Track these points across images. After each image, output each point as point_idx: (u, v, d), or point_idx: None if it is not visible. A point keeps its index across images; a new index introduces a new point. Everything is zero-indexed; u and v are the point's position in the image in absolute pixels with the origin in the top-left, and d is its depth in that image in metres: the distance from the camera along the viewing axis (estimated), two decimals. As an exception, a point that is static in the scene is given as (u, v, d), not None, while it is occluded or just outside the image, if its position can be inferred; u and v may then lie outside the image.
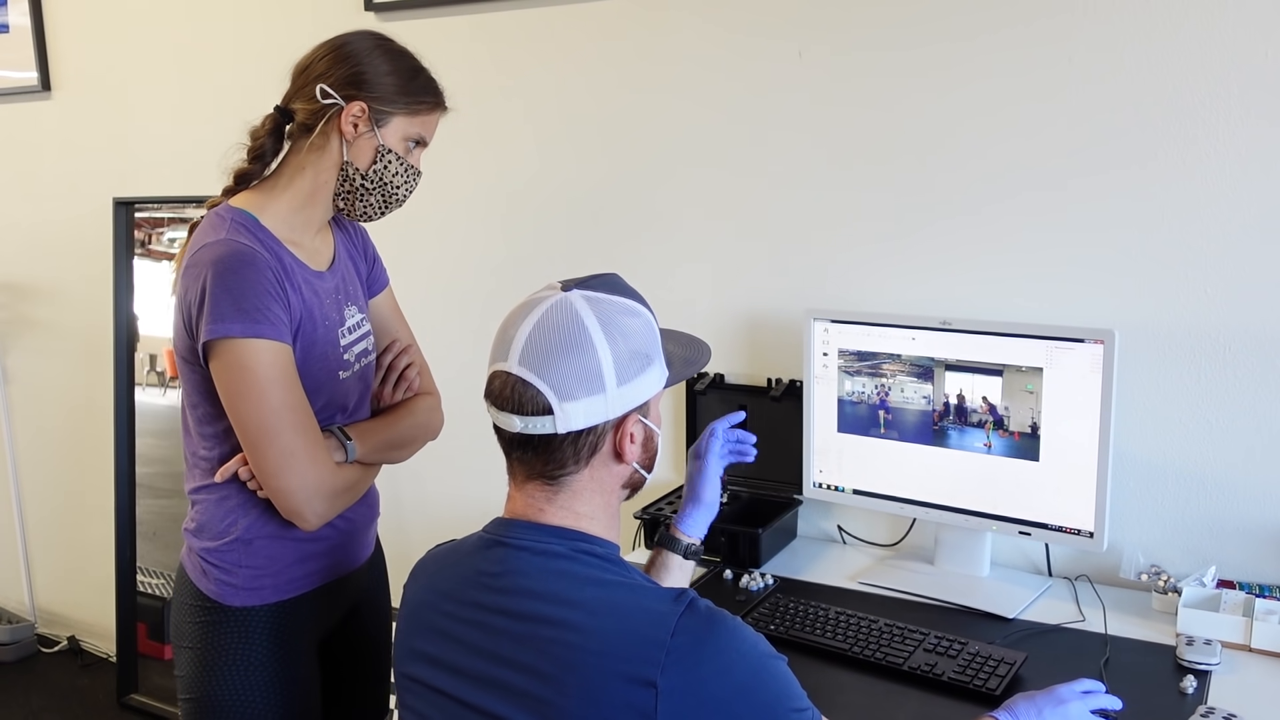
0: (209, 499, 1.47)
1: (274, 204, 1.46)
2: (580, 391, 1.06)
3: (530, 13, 2.26)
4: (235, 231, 1.40)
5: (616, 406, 1.08)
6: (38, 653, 3.38)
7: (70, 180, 3.03)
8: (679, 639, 0.98)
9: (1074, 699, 1.25)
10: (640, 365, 1.10)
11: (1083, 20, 1.76)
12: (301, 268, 1.46)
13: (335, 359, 1.49)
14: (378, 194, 1.49)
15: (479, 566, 1.11)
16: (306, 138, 1.46)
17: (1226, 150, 1.69)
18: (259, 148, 1.47)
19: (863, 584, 1.87)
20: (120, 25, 2.83)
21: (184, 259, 1.43)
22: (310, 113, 1.45)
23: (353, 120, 1.44)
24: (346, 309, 1.53)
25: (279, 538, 1.47)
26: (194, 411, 1.47)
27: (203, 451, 1.47)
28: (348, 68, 1.44)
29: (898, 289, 1.98)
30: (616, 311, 1.10)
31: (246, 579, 1.46)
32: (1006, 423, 1.74)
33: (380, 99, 1.44)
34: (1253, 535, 1.76)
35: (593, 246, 2.29)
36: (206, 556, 1.47)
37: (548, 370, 1.06)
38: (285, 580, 1.49)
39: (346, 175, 1.47)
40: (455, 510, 2.55)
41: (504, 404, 1.09)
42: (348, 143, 1.45)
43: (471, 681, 1.07)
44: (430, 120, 1.52)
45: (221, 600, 1.47)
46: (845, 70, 1.96)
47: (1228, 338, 1.73)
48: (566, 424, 1.07)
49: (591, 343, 1.07)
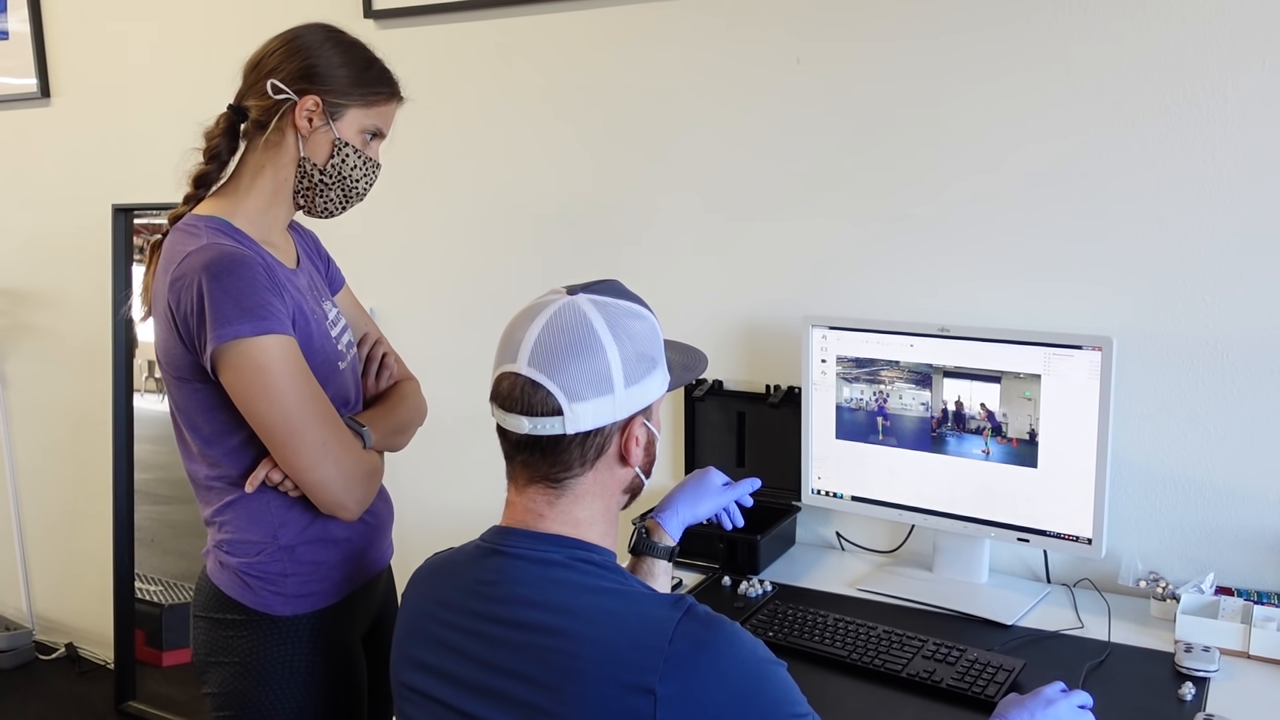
0: (239, 515, 1.43)
1: (242, 207, 1.44)
2: (590, 392, 1.07)
3: (528, 20, 2.27)
4: (214, 235, 1.38)
5: (624, 408, 1.09)
6: (35, 660, 3.37)
7: (69, 187, 3.03)
8: (677, 645, 0.98)
9: (1059, 698, 1.27)
10: (646, 368, 1.11)
11: (1080, 28, 1.76)
12: (280, 266, 1.44)
13: (332, 351, 1.47)
14: (337, 189, 1.47)
15: (476, 575, 1.11)
16: (261, 135, 1.43)
17: (1223, 158, 1.70)
18: (214, 148, 1.46)
19: (861, 590, 1.87)
20: (119, 32, 2.83)
21: (160, 273, 1.39)
22: (263, 109, 1.43)
23: (307, 115, 1.42)
24: (324, 304, 1.52)
25: (320, 540, 1.45)
26: (199, 433, 1.42)
27: (217, 472, 1.43)
28: (299, 61, 1.42)
29: (896, 296, 1.98)
30: (623, 314, 1.11)
31: (295, 586, 1.44)
32: (1005, 429, 1.74)
33: (334, 92, 1.42)
34: (1251, 542, 1.76)
35: (592, 254, 2.29)
36: (249, 571, 1.43)
37: (557, 371, 1.06)
38: (331, 584, 1.47)
39: (304, 171, 1.45)
40: (455, 520, 2.55)
41: (512, 405, 1.09)
42: (303, 138, 1.43)
43: (469, 691, 1.07)
44: (386, 111, 1.50)
45: (269, 611, 1.43)
46: (844, 77, 1.97)
47: (1226, 344, 1.73)
48: (576, 425, 1.07)
49: (600, 344, 1.07)
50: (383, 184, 2.33)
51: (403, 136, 2.41)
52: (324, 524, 1.45)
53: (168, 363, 1.39)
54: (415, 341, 2.52)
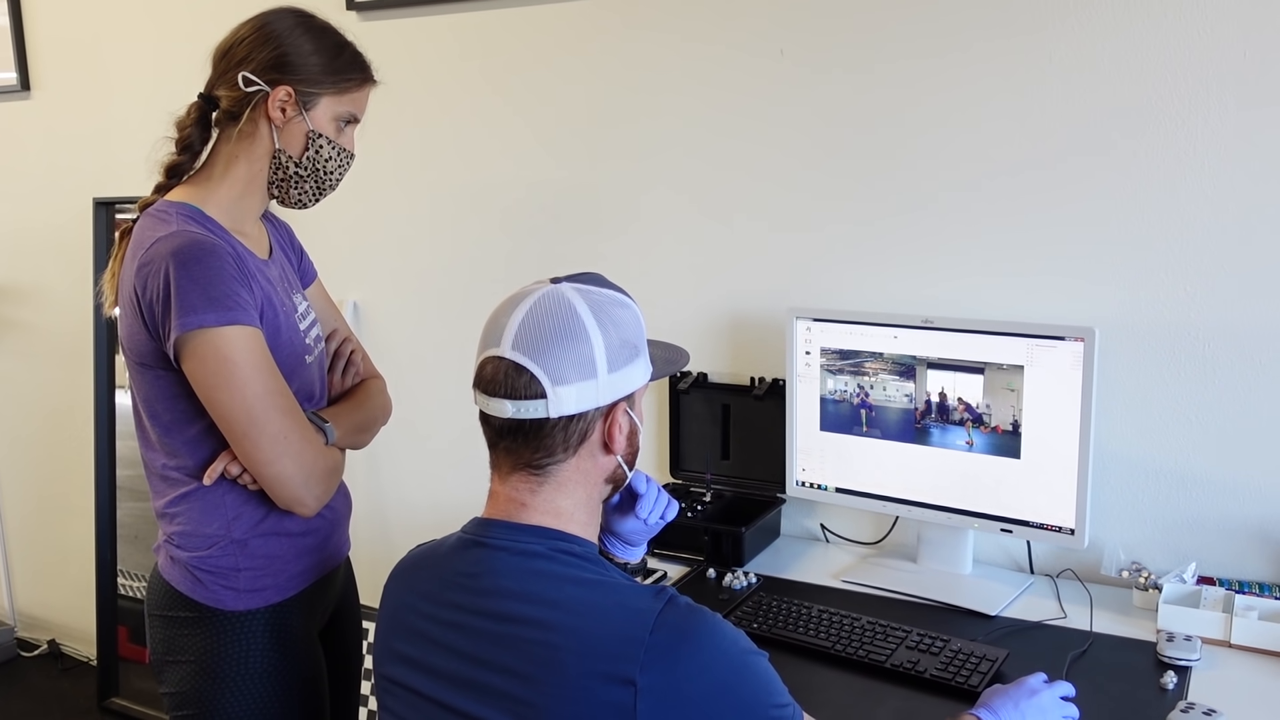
0: (193, 507, 1.42)
1: (214, 195, 1.43)
2: (574, 376, 1.07)
3: (512, 12, 2.26)
4: (184, 223, 1.36)
5: (607, 394, 1.09)
6: (17, 656, 3.35)
7: (50, 181, 3.01)
8: (658, 636, 0.98)
9: (1042, 688, 1.28)
10: (629, 355, 1.11)
11: (1062, 21, 1.76)
12: (251, 256, 1.42)
13: (300, 344, 1.46)
14: (311, 180, 1.46)
15: (458, 568, 1.11)
16: (234, 125, 1.42)
17: (1205, 149, 1.70)
18: (186, 138, 1.44)
19: (846, 582, 1.87)
20: (100, 25, 2.81)
21: (128, 258, 1.37)
22: (235, 100, 1.41)
23: (280, 106, 1.40)
24: (294, 296, 1.51)
25: (273, 534, 1.44)
26: (159, 420, 1.41)
27: (175, 461, 1.42)
28: (270, 50, 1.40)
29: (880, 288, 1.99)
30: (607, 302, 1.11)
31: (247, 581, 1.43)
32: (988, 420, 1.75)
33: (305, 80, 1.41)
34: (1232, 532, 1.77)
35: (575, 246, 2.28)
36: (199, 565, 1.42)
37: (541, 355, 1.07)
38: (285, 579, 1.46)
39: (279, 163, 1.43)
40: (436, 513, 2.54)
41: (495, 389, 1.08)
42: (277, 129, 1.41)
43: (451, 683, 1.06)
44: (359, 96, 1.48)
45: (221, 606, 1.42)
46: (827, 69, 1.97)
47: (1207, 335, 1.74)
48: (559, 408, 1.07)
49: (585, 328, 1.08)
50: (367, 177, 2.32)
51: (386, 129, 2.40)
52: (279, 518, 1.44)
53: (131, 348, 1.38)
54: (397, 334, 2.51)
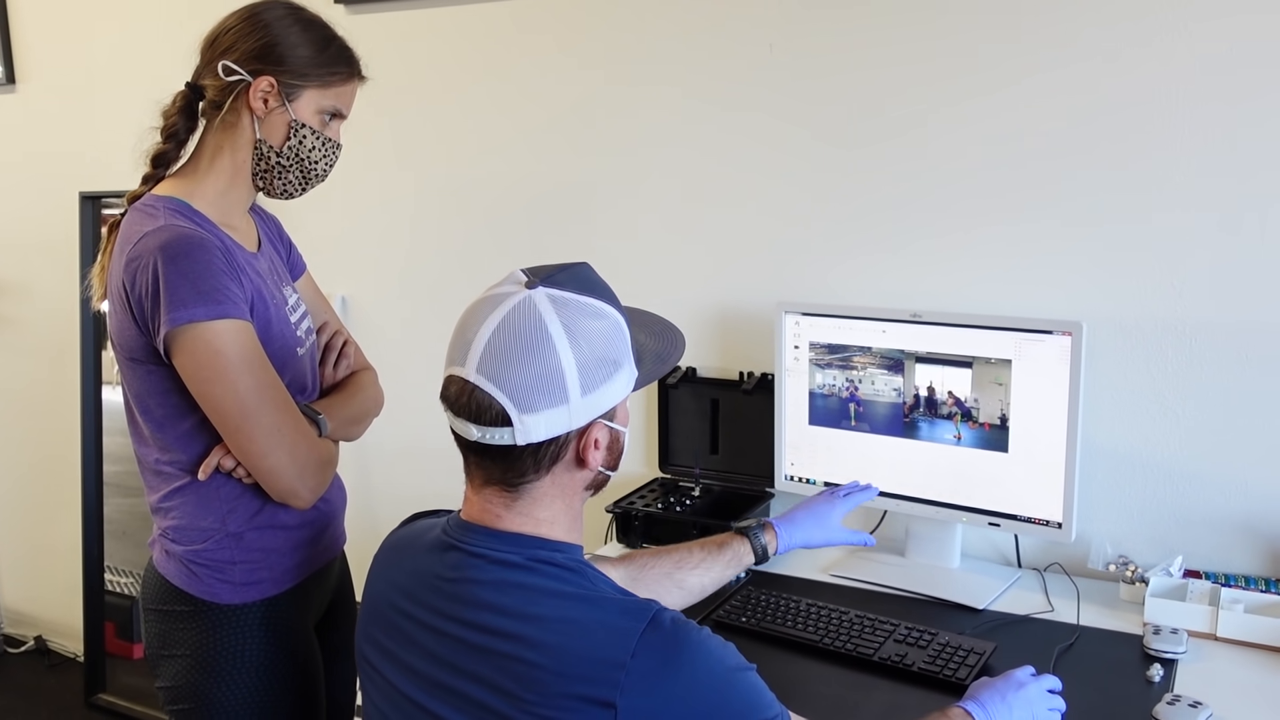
0: (187, 501, 1.41)
1: (200, 188, 1.42)
2: (541, 403, 1.01)
3: (501, 6, 2.25)
4: (172, 217, 1.35)
5: (580, 416, 1.04)
6: (4, 653, 3.34)
7: (35, 174, 2.99)
8: (639, 660, 0.96)
9: (1030, 681, 1.27)
10: (607, 372, 1.05)
11: (1050, 16, 1.76)
12: (240, 250, 1.41)
13: (291, 337, 1.46)
14: (295, 170, 1.45)
15: (437, 570, 1.09)
16: (218, 115, 1.41)
17: (1189, 144, 1.71)
18: (171, 127, 1.43)
19: (834, 576, 1.88)
20: (86, 17, 2.79)
21: (116, 253, 1.36)
22: (219, 89, 1.40)
23: (261, 96, 1.39)
24: (284, 289, 1.50)
25: (268, 527, 1.43)
26: (151, 416, 1.40)
27: (168, 456, 1.41)
28: (255, 40, 1.39)
29: (868, 282, 1.99)
30: (582, 314, 1.04)
31: (242, 574, 1.42)
32: (976, 414, 1.75)
33: (290, 72, 1.39)
34: (1219, 525, 1.78)
35: (564, 239, 2.28)
36: (195, 559, 1.41)
37: (507, 380, 1.01)
38: (280, 572, 1.45)
39: (261, 153, 1.42)
40: (426, 508, 2.53)
41: (460, 411, 1.04)
42: (258, 119, 1.40)
43: (430, 687, 1.05)
44: (345, 91, 1.46)
45: (216, 600, 1.41)
46: (817, 63, 1.97)
47: (1193, 329, 1.75)
48: (526, 436, 1.03)
49: (555, 350, 1.01)
50: (357, 170, 2.31)
51: (375, 122, 2.39)
52: (273, 511, 1.43)
53: (121, 344, 1.37)
54: (385, 329, 2.51)
